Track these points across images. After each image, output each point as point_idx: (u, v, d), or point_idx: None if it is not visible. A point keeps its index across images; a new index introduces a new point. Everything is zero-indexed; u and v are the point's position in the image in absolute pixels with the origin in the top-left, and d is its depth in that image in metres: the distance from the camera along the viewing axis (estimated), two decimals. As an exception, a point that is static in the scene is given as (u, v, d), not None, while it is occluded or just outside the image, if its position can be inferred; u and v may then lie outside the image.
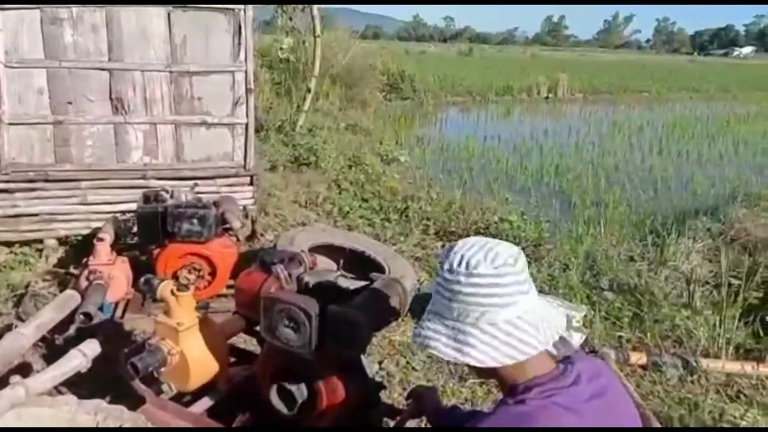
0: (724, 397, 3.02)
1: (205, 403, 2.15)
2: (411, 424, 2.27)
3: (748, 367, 3.18)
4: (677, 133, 12.86)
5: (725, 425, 2.73)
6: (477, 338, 1.25)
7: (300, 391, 1.88)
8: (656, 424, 1.49)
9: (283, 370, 1.93)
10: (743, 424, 2.79)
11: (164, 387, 2.17)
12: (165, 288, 2.07)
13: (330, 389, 1.87)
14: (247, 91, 4.59)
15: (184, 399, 2.27)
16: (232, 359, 2.39)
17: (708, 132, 13.02)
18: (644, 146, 11.21)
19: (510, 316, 1.25)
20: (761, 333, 3.56)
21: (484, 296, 1.25)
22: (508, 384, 1.30)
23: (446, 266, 1.30)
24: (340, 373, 1.87)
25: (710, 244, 5.18)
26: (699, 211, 6.63)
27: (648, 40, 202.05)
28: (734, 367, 3.22)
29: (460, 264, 1.27)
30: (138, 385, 2.08)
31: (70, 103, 4.24)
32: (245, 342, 2.94)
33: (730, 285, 4.00)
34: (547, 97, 21.11)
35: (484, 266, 1.25)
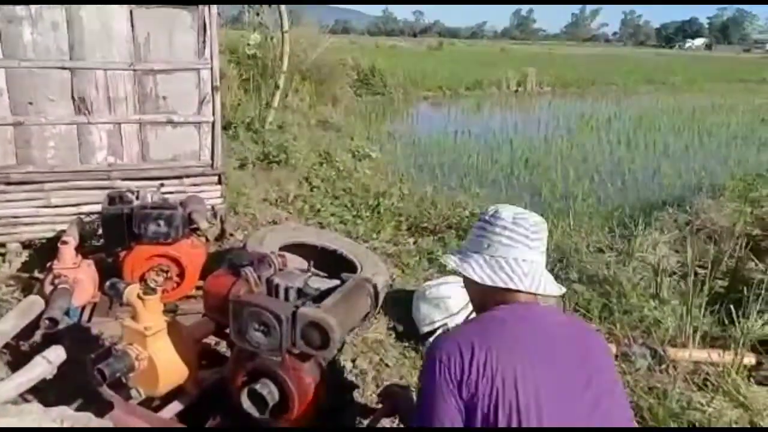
0: (692, 385, 3.07)
1: (175, 407, 2.13)
2: (385, 423, 2.28)
3: (714, 355, 3.24)
4: (644, 125, 13.07)
5: (693, 413, 2.79)
6: (475, 259, 1.65)
7: (271, 393, 1.86)
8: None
9: (253, 373, 1.91)
10: (710, 411, 2.85)
11: (133, 392, 2.13)
12: (131, 292, 2.04)
13: (302, 391, 1.86)
14: (213, 88, 4.52)
15: (153, 404, 2.24)
16: (203, 362, 2.36)
17: (674, 124, 13.26)
18: (612, 139, 11.37)
19: (508, 255, 1.62)
20: (726, 321, 3.63)
21: (497, 234, 1.63)
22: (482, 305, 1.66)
23: (482, 212, 1.73)
24: (311, 375, 1.86)
25: (677, 235, 5.27)
26: (666, 202, 6.75)
27: (615, 33, 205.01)
28: (701, 355, 3.28)
29: (493, 210, 1.69)
30: (106, 390, 2.04)
31: (30, 103, 4.13)
32: (216, 344, 2.91)
33: (696, 274, 4.07)
34: (516, 91, 21.29)
35: (506, 214, 1.65)
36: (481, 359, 1.44)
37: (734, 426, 2.71)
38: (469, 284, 1.69)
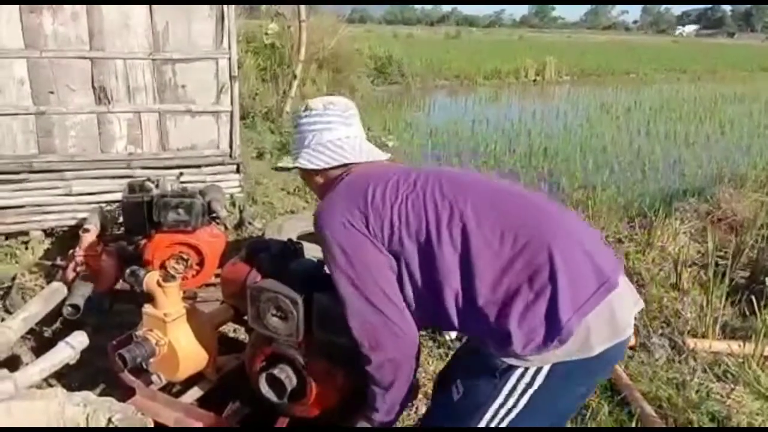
0: (711, 376, 3.05)
1: (195, 393, 2.15)
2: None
3: (735, 346, 3.21)
4: (664, 114, 12.89)
5: (712, 403, 2.76)
6: (305, 153, 1.77)
7: (289, 378, 1.87)
8: None
9: (271, 358, 1.92)
10: (729, 401, 2.82)
11: (153, 378, 2.16)
12: (151, 279, 2.06)
13: (320, 377, 1.87)
14: (231, 78, 4.55)
15: (174, 390, 2.27)
16: (222, 349, 2.38)
17: (695, 113, 13.05)
18: (632, 128, 11.23)
19: (332, 137, 1.76)
20: (747, 312, 3.59)
21: (314, 124, 1.77)
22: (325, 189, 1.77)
23: (295, 114, 1.85)
24: (330, 361, 1.87)
25: (697, 225, 5.21)
26: (686, 192, 6.67)
27: (635, 22, 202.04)
28: (721, 346, 3.25)
29: (303, 107, 1.82)
30: (127, 376, 2.07)
31: (51, 92, 4.19)
32: (235, 331, 2.94)
33: (716, 265, 4.03)
34: (534, 80, 21.09)
35: (316, 104, 1.80)
36: (369, 197, 1.57)
37: (757, 415, 2.68)
38: (311, 180, 1.83)
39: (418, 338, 1.60)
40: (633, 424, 2.63)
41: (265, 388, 1.89)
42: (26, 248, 4.27)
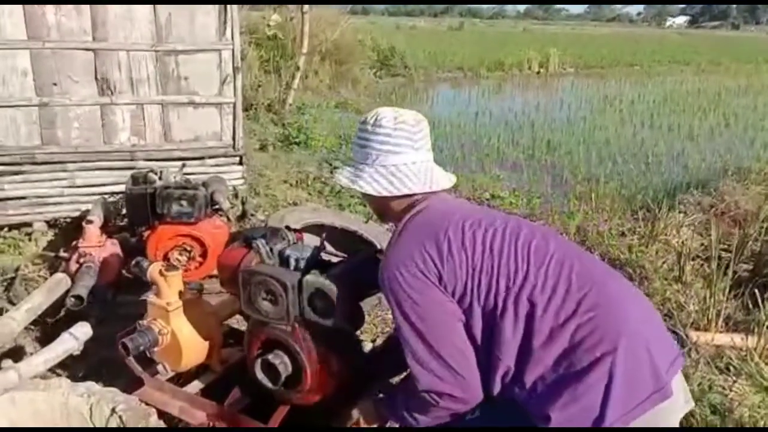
0: (714, 368, 3.05)
1: (200, 383, 2.16)
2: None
3: (737, 339, 3.21)
4: (668, 107, 12.85)
5: (714, 396, 2.77)
6: (368, 173, 1.65)
7: (284, 364, 1.87)
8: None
9: (266, 344, 1.93)
10: (731, 394, 2.83)
11: (159, 368, 2.17)
12: (154, 269, 2.07)
13: (314, 362, 1.87)
14: (235, 69, 4.54)
15: (180, 381, 2.27)
16: (231, 341, 2.39)
17: (699, 106, 13.01)
18: (636, 121, 11.20)
19: (398, 161, 1.64)
20: (750, 305, 3.59)
21: (382, 143, 1.64)
22: (386, 214, 1.74)
23: (363, 120, 1.70)
24: (326, 348, 1.87)
25: (701, 218, 5.20)
26: (690, 185, 6.65)
27: (639, 14, 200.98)
28: (724, 339, 3.25)
29: (373, 118, 1.66)
30: (134, 365, 2.08)
31: (54, 84, 4.18)
32: (241, 323, 2.94)
33: (720, 258, 4.03)
34: (538, 72, 21.02)
35: (387, 121, 1.64)
36: (444, 249, 1.49)
37: (759, 408, 2.69)
38: (369, 198, 1.73)
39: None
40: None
41: (260, 375, 1.89)
42: (29, 239, 4.28)
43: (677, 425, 1.45)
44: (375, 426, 1.77)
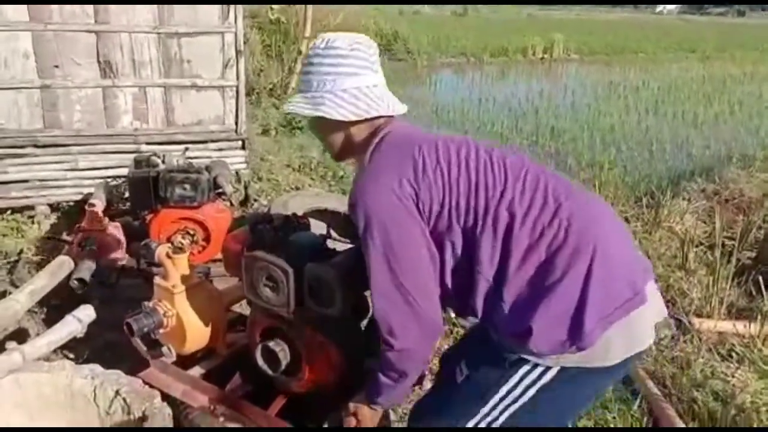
0: (716, 355, 3.05)
1: (204, 366, 2.17)
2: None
3: (740, 326, 3.21)
4: (673, 94, 12.78)
5: (716, 382, 2.77)
6: (330, 99, 1.53)
7: (284, 351, 1.87)
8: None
9: (268, 331, 1.93)
10: (733, 381, 2.83)
11: (164, 350, 2.17)
12: (161, 251, 2.07)
13: (313, 350, 1.86)
14: (237, 52, 4.51)
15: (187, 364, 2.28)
16: (238, 327, 2.38)
17: (704, 93, 12.93)
18: (640, 108, 11.14)
19: (360, 84, 1.54)
20: (754, 293, 3.58)
21: (337, 65, 1.53)
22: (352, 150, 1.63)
23: (312, 46, 1.59)
24: (326, 337, 1.86)
25: (705, 205, 5.18)
26: (694, 172, 6.63)
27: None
28: (726, 326, 3.25)
29: (323, 42, 1.56)
30: (139, 346, 2.08)
31: (56, 66, 4.16)
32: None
33: (723, 245, 4.02)
34: (542, 58, 20.87)
35: (340, 42, 1.54)
36: (419, 167, 1.44)
37: (761, 394, 2.69)
38: (328, 133, 1.63)
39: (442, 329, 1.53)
40: (637, 403, 2.64)
41: (260, 361, 1.90)
42: (32, 223, 4.28)
43: (653, 331, 1.48)
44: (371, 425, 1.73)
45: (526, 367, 1.42)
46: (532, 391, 1.43)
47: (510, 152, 1.55)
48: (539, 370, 1.41)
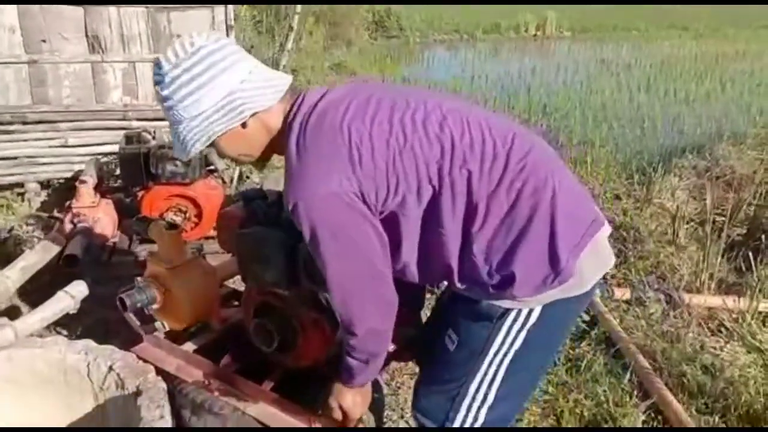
0: (706, 330, 3.09)
1: (198, 341, 2.17)
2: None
3: (729, 301, 3.24)
4: (665, 71, 12.75)
5: (706, 356, 2.80)
6: (207, 120, 1.39)
7: (277, 328, 1.87)
8: None
9: (262, 307, 1.93)
10: (722, 355, 2.87)
11: (157, 324, 2.17)
12: (155, 227, 2.06)
13: (309, 328, 1.87)
14: (228, 27, 4.46)
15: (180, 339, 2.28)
16: (234, 302, 2.39)
17: (696, 71, 12.91)
18: (632, 85, 11.11)
19: (244, 75, 1.40)
20: (744, 268, 3.61)
21: (216, 65, 1.37)
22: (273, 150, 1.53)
23: (157, 76, 1.42)
24: (318, 312, 1.86)
25: (696, 182, 5.20)
26: (685, 149, 6.62)
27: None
28: (716, 301, 3.28)
29: (188, 50, 1.38)
30: (132, 320, 2.08)
31: (44, 41, 4.10)
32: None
33: (714, 222, 4.04)
34: (535, 35, 20.77)
35: (202, 42, 1.38)
36: (355, 157, 1.34)
37: (749, 368, 2.73)
38: (231, 145, 1.49)
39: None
40: (627, 377, 2.67)
41: (254, 337, 1.90)
42: (22, 200, 4.26)
43: (610, 257, 1.53)
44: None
45: (512, 315, 1.45)
46: (522, 335, 1.47)
47: (447, 99, 1.52)
48: (524, 313, 1.45)
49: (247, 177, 4.76)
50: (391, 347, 1.78)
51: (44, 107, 4.23)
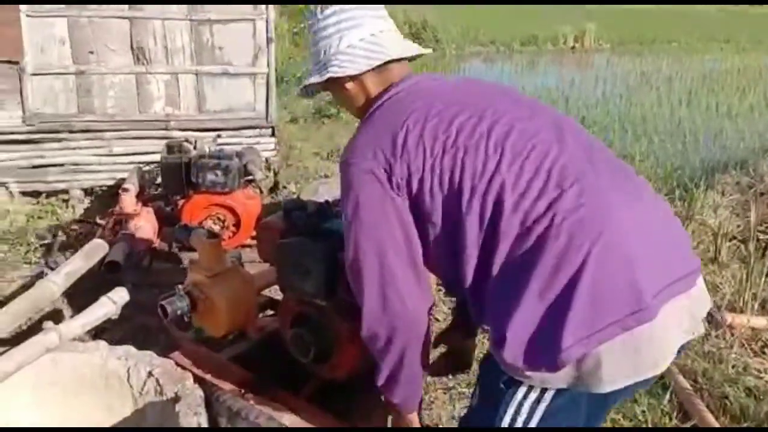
0: (749, 351, 3.00)
1: (234, 349, 2.19)
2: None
3: (774, 322, 3.15)
4: (707, 85, 12.49)
5: (749, 378, 2.72)
6: (337, 58, 1.44)
7: (314, 339, 1.88)
8: None
9: (300, 318, 1.94)
10: (767, 377, 2.78)
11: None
12: (196, 235, 2.09)
13: (346, 341, 1.87)
14: (268, 40, 4.53)
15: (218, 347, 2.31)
16: (270, 312, 2.41)
17: (738, 84, 12.61)
18: (673, 99, 10.91)
19: (364, 34, 1.44)
20: (789, 288, 3.51)
21: (340, 23, 1.44)
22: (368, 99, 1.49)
23: (308, 15, 1.52)
24: (356, 323, 1.86)
25: (739, 198, 5.07)
26: (728, 164, 6.48)
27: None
28: (760, 322, 3.19)
29: (318, 10, 1.48)
30: (172, 328, 2.11)
31: (91, 52, 4.22)
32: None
33: (758, 239, 3.94)
34: (573, 47, 20.57)
35: (335, 4, 1.46)
36: (399, 141, 1.32)
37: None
38: (345, 96, 1.52)
39: (427, 313, 1.40)
40: (667, 397, 2.61)
41: (291, 347, 1.91)
42: (67, 206, 4.37)
43: (673, 353, 1.25)
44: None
45: (522, 389, 1.25)
46: (539, 413, 1.25)
47: (526, 116, 1.35)
48: (535, 392, 1.24)
49: (284, 187, 4.81)
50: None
51: (90, 116, 4.35)
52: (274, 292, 2.69)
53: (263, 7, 4.43)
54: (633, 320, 1.15)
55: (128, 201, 3.50)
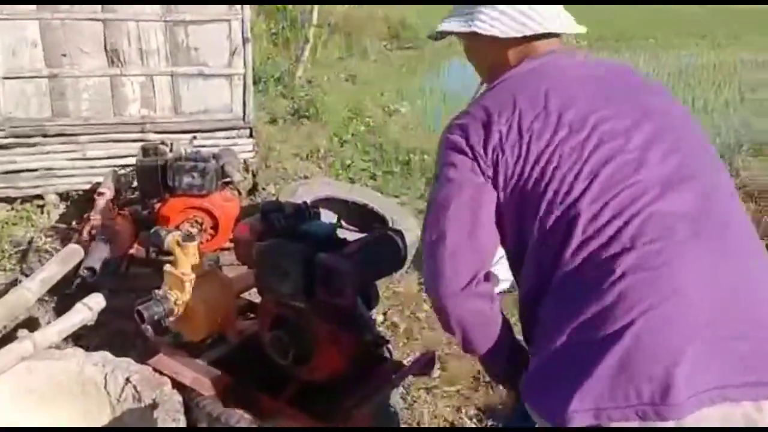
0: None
1: (214, 353, 2.17)
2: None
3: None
4: (683, 80, 12.64)
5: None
6: (486, 14, 1.34)
7: (293, 340, 1.87)
8: None
9: (278, 320, 1.93)
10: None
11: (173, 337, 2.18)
12: (172, 239, 2.07)
13: (325, 342, 1.87)
14: (244, 40, 4.49)
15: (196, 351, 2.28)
16: (250, 315, 2.39)
17: (714, 80, 12.79)
18: (649, 94, 11.01)
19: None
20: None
21: None
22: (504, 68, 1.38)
23: None
24: (335, 324, 1.86)
25: (715, 193, 5.13)
26: (704, 159, 6.55)
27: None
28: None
29: None
30: (149, 333, 2.09)
31: (64, 55, 4.16)
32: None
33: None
34: (550, 45, 20.67)
35: None
36: (494, 123, 1.24)
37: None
38: (479, 51, 1.44)
39: (484, 298, 1.30)
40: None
41: (270, 349, 1.90)
42: (42, 212, 4.30)
43: None
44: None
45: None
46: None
47: (641, 142, 1.19)
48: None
49: (263, 189, 4.78)
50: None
51: (64, 120, 4.28)
52: (254, 296, 2.68)
53: (238, 7, 4.38)
54: (652, 411, 1.04)
55: (104, 205, 3.45)
